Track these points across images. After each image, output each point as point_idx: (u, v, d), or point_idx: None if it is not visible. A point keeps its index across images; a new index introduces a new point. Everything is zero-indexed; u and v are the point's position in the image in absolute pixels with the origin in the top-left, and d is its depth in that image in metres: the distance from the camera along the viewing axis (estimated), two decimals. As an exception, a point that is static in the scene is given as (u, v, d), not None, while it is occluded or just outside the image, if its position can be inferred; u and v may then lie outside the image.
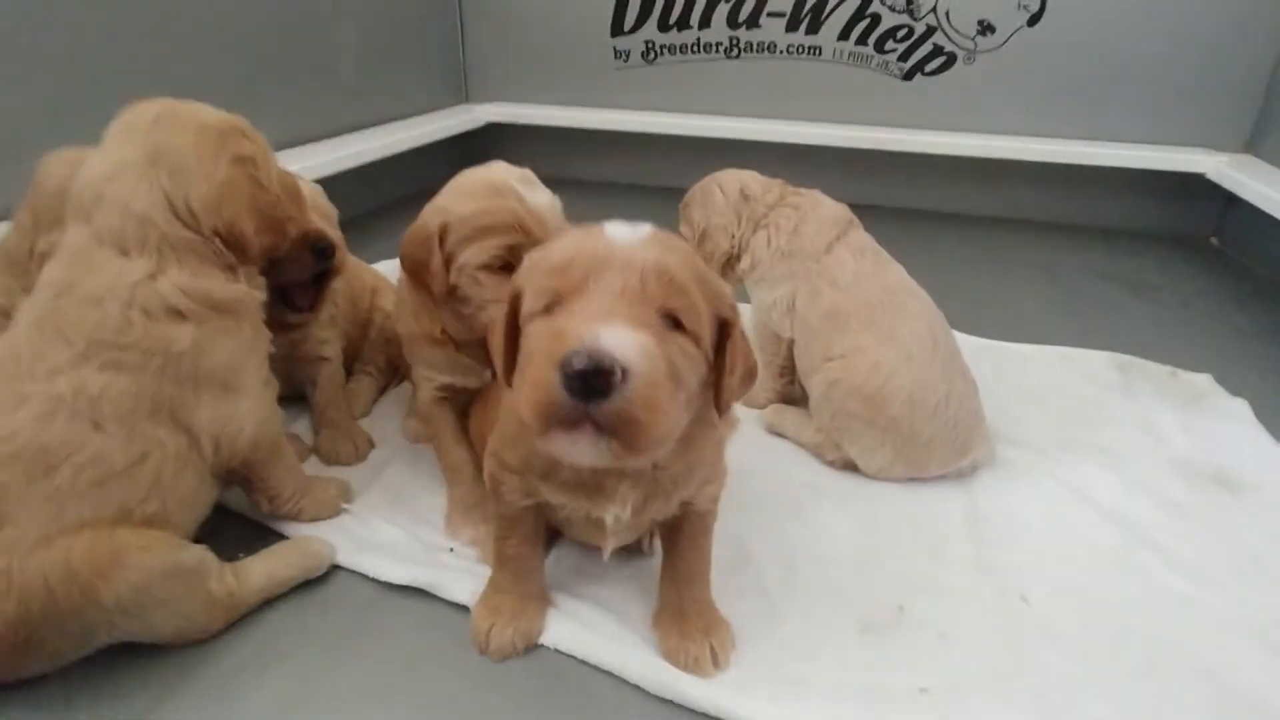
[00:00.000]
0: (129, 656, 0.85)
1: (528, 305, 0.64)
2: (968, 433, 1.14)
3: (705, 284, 0.63)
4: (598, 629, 0.89)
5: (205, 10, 1.79)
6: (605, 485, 0.76)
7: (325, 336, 1.24)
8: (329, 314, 1.24)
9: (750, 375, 0.72)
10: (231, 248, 0.90)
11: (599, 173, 2.91)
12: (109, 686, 0.82)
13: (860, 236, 1.27)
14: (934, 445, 1.12)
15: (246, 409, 0.91)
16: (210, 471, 0.90)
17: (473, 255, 0.94)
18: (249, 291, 0.92)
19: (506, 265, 0.95)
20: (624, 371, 0.53)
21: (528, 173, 1.01)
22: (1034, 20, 2.35)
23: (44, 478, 0.76)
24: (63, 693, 0.81)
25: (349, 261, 1.26)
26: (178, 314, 0.84)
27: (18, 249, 1.03)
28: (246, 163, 0.91)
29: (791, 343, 1.29)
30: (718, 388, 0.67)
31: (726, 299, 0.67)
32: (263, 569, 0.92)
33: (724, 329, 0.66)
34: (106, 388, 0.80)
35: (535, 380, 0.55)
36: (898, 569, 1.00)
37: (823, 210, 1.28)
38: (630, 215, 0.68)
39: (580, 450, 0.57)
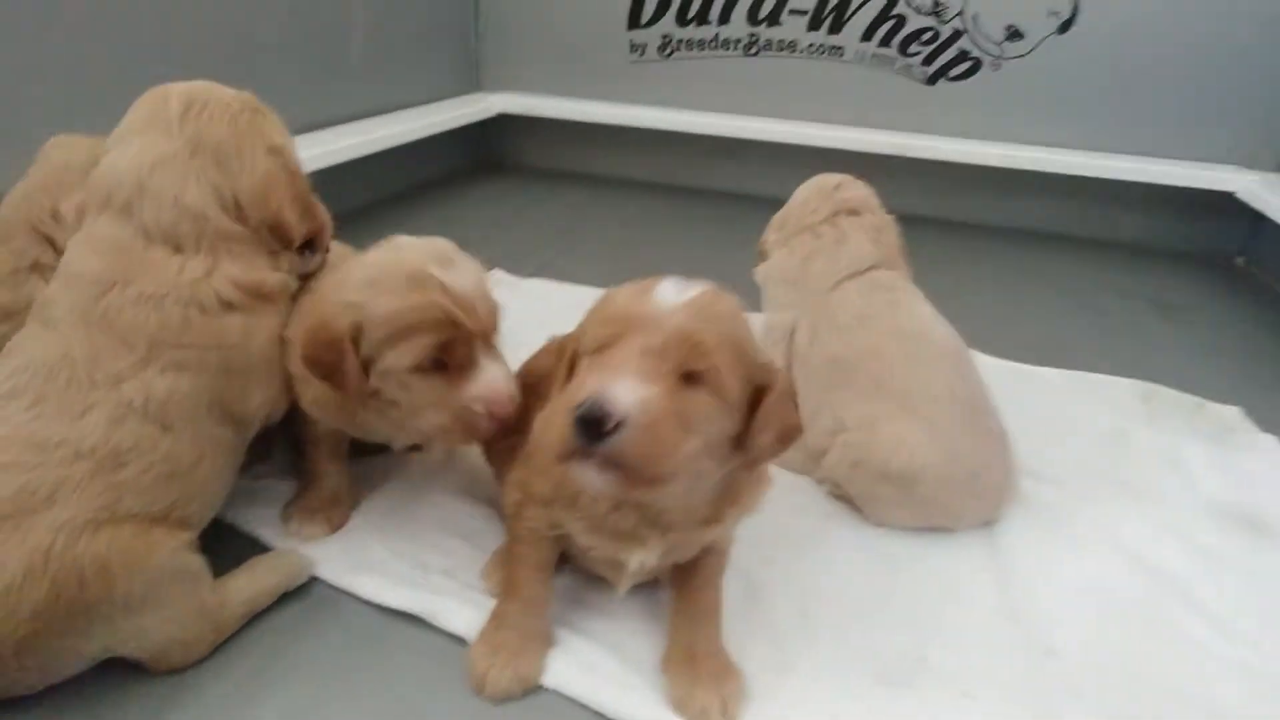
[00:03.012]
0: (120, 680, 0.81)
1: (584, 345, 0.72)
2: (998, 494, 1.08)
3: (739, 349, 0.69)
4: (601, 671, 0.85)
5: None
6: (639, 533, 0.76)
7: None
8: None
9: (787, 436, 0.73)
10: (278, 237, 0.91)
11: (610, 168, 2.85)
12: (96, 708, 0.79)
13: (880, 277, 1.19)
14: (965, 514, 1.07)
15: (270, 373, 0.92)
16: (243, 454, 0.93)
17: (399, 358, 0.83)
18: (287, 278, 0.94)
19: (438, 363, 0.84)
20: (622, 419, 0.61)
21: (443, 246, 0.89)
22: (1065, 28, 2.29)
23: (111, 473, 0.77)
24: (44, 713, 0.78)
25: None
26: (230, 306, 0.86)
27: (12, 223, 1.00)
28: (279, 151, 0.93)
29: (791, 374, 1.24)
30: (748, 445, 0.71)
31: (764, 365, 0.72)
32: (245, 581, 0.90)
33: (759, 392, 0.71)
34: (173, 390, 0.82)
35: (556, 419, 0.65)
36: (916, 614, 0.96)
37: (843, 248, 1.21)
38: (641, 213, 0.68)
39: (589, 479, 0.65)
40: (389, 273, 0.84)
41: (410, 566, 0.98)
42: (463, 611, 0.90)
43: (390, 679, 0.85)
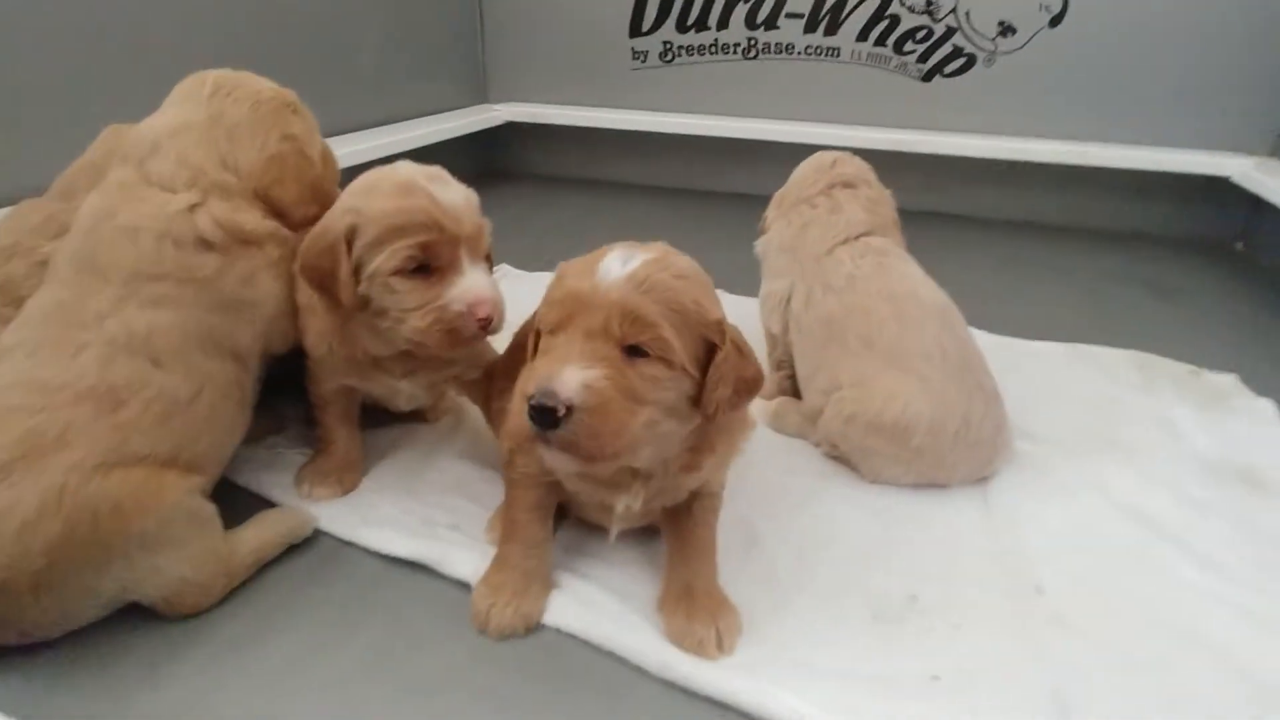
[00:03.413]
0: (133, 621, 0.84)
1: (542, 324, 0.76)
2: (991, 448, 1.11)
3: (683, 313, 0.71)
4: (601, 609, 0.88)
5: (229, 3, 1.81)
6: (620, 480, 0.80)
7: None
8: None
9: (747, 387, 0.76)
10: (272, 210, 0.96)
11: (616, 173, 2.91)
12: (111, 651, 0.82)
13: (872, 241, 1.23)
14: (959, 466, 1.09)
15: (270, 316, 0.97)
16: (251, 394, 0.96)
17: (385, 260, 0.87)
18: (278, 226, 0.97)
19: (421, 267, 0.89)
20: (570, 407, 0.66)
21: (438, 169, 0.95)
22: (1056, 21, 2.33)
23: (112, 413, 0.80)
24: (67, 657, 0.81)
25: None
26: (206, 244, 0.90)
27: (29, 219, 1.05)
28: (294, 139, 0.99)
29: (787, 341, 1.27)
30: (704, 401, 0.74)
31: (712, 324, 0.73)
32: (253, 532, 0.94)
33: (712, 349, 0.74)
34: (153, 324, 0.85)
35: (515, 408, 0.72)
36: (909, 559, 0.98)
37: (838, 216, 1.25)
38: (645, 217, 0.72)
39: (552, 459, 0.71)
40: (383, 181, 0.91)
41: (418, 521, 1.01)
42: (467, 558, 0.93)
43: (396, 622, 0.88)
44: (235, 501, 0.97)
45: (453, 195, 0.91)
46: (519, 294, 1.01)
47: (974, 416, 1.07)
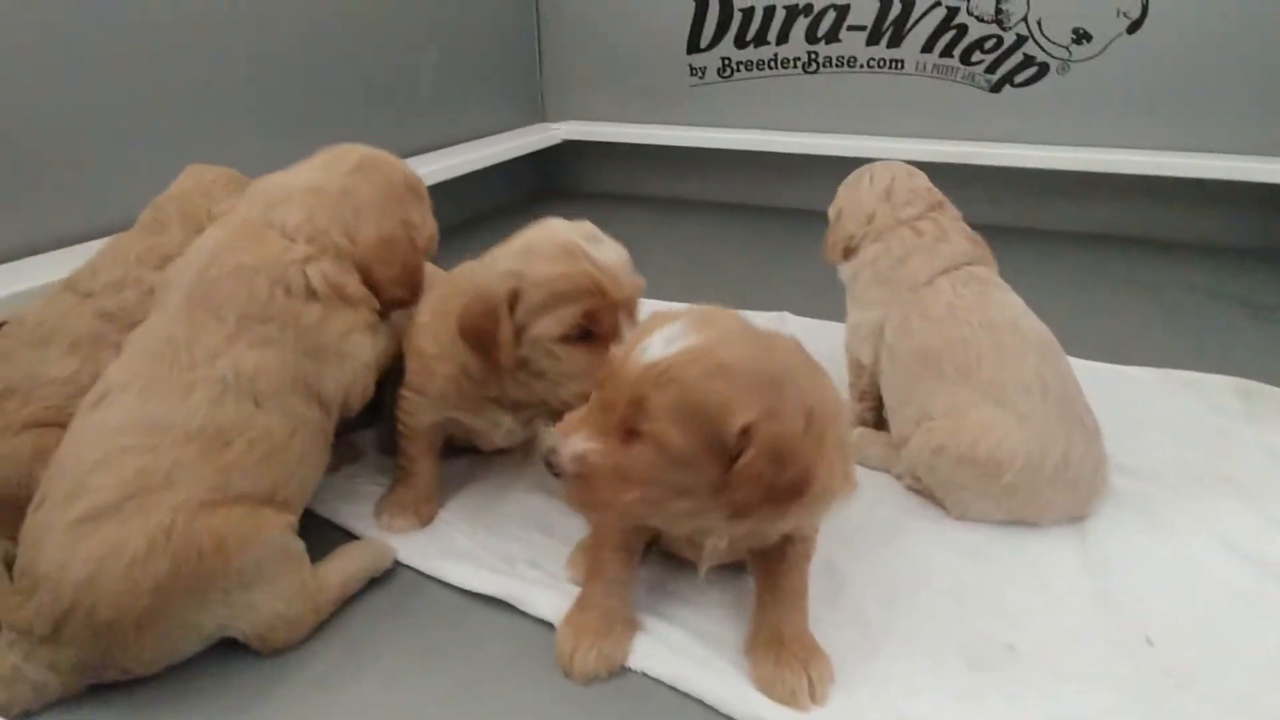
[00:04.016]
0: (219, 662, 0.85)
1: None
2: (1089, 488, 1.05)
3: (694, 413, 0.67)
4: (687, 654, 0.86)
5: (296, 30, 1.85)
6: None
7: None
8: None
9: (780, 495, 0.68)
10: (368, 285, 1.00)
11: (674, 190, 2.90)
12: (196, 691, 0.83)
13: (975, 271, 1.17)
14: (1054, 505, 1.04)
15: (356, 371, 0.99)
16: (332, 436, 0.99)
17: (549, 327, 0.88)
18: (371, 294, 1.01)
19: (585, 333, 0.89)
20: (562, 472, 0.71)
21: (589, 227, 0.94)
22: (1134, 28, 2.24)
23: (218, 453, 0.82)
24: (152, 694, 0.82)
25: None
26: (312, 294, 0.93)
27: (130, 251, 1.09)
28: (411, 226, 1.04)
29: (875, 370, 1.22)
30: (726, 499, 0.70)
31: (732, 431, 0.67)
32: (337, 566, 0.94)
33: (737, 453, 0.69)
34: (259, 365, 0.87)
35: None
36: (1004, 604, 0.93)
37: (944, 246, 1.18)
38: (704, 233, 0.69)
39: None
40: (543, 244, 0.90)
41: (495, 556, 1.01)
42: (549, 597, 0.92)
43: (478, 660, 0.87)
44: (314, 532, 0.98)
45: (610, 256, 0.90)
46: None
47: (1074, 454, 1.02)
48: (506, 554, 1.01)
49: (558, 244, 0.89)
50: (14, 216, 1.32)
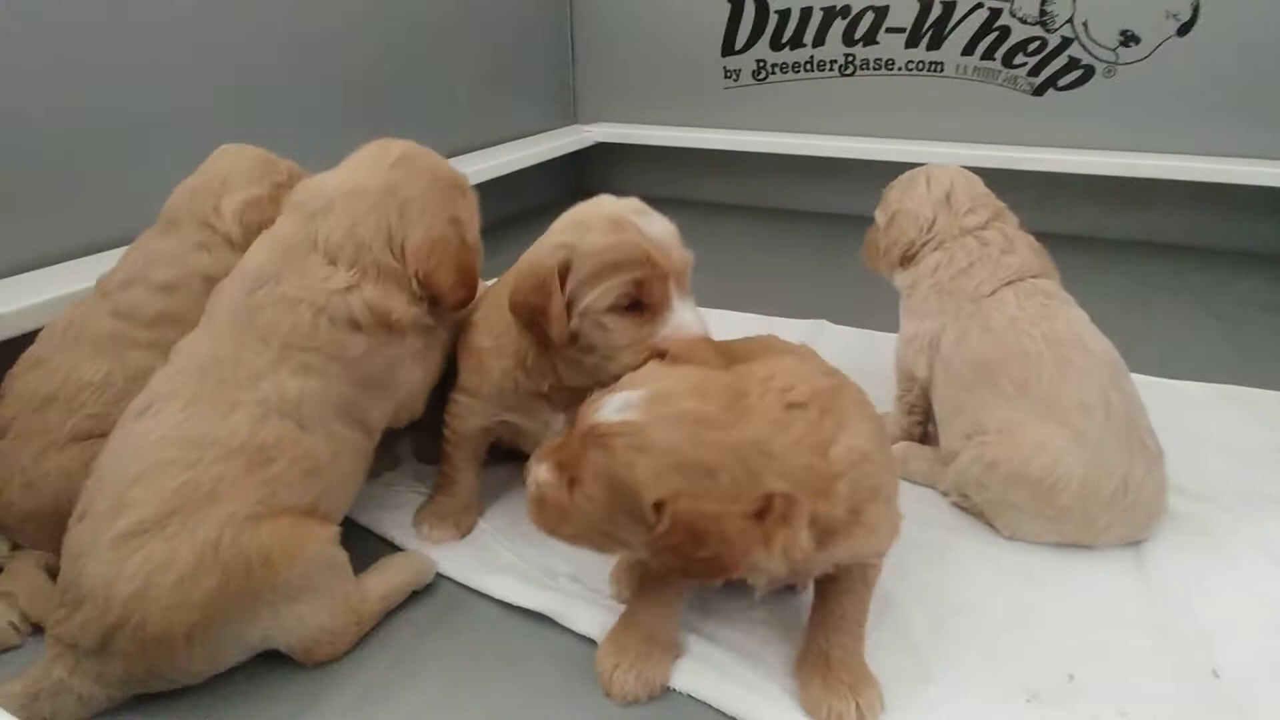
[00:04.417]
0: (266, 674, 0.85)
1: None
2: (1149, 513, 1.01)
3: (618, 485, 0.69)
4: (732, 675, 0.84)
5: (334, 32, 1.86)
6: None
7: None
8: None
9: (696, 570, 0.69)
10: (427, 291, 0.97)
11: (707, 193, 2.88)
12: (245, 702, 0.83)
13: (1040, 284, 1.13)
14: (1111, 529, 1.00)
15: (403, 400, 1.00)
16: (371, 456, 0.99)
17: (599, 297, 0.86)
18: (420, 314, 0.98)
19: (634, 304, 0.87)
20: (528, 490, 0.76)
21: (638, 202, 0.92)
22: (1185, 30, 2.18)
23: (262, 468, 0.82)
24: (196, 705, 0.82)
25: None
26: (356, 326, 0.91)
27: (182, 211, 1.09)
28: (459, 223, 1.00)
29: (927, 383, 1.19)
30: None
31: (645, 506, 0.68)
32: (380, 579, 0.94)
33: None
34: (303, 391, 0.87)
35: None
36: (1061, 631, 0.90)
37: (1009, 257, 1.14)
38: (736, 237, 0.67)
39: None
40: (593, 217, 0.90)
41: (537, 570, 1.00)
42: (592, 613, 0.91)
43: (521, 677, 0.86)
44: (353, 541, 0.97)
45: (659, 229, 0.89)
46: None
47: (1134, 478, 0.98)
48: (548, 567, 1.00)
49: (607, 216, 0.88)
50: (53, 220, 1.33)
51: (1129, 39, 2.23)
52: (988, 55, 2.38)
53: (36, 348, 1.01)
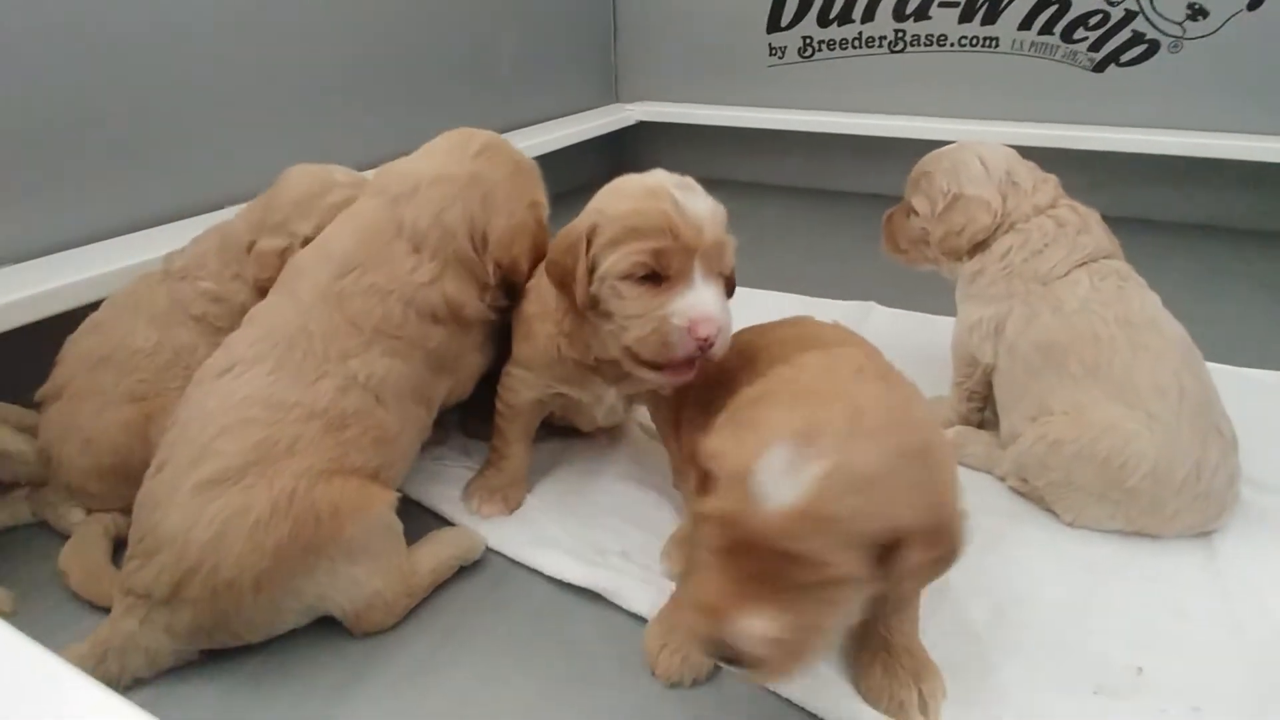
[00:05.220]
0: (319, 643, 0.86)
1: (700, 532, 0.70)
2: (1221, 502, 0.97)
3: (859, 540, 0.59)
4: (787, 658, 0.82)
5: (382, 11, 1.86)
6: None
7: None
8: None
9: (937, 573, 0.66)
10: (508, 277, 1.01)
11: (751, 173, 2.84)
12: (298, 670, 0.84)
13: (1114, 265, 1.10)
14: (1180, 517, 0.97)
15: (463, 381, 1.05)
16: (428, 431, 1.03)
17: (616, 262, 0.84)
18: (487, 312, 1.02)
19: (652, 275, 0.84)
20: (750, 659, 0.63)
21: (687, 179, 0.89)
22: (1255, 3, 2.07)
23: (338, 431, 0.86)
24: (253, 672, 0.84)
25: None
26: (435, 319, 0.96)
27: (236, 239, 1.09)
28: (537, 207, 1.04)
29: (990, 368, 1.15)
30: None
31: (889, 535, 0.60)
32: (429, 552, 0.95)
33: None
34: (389, 371, 0.92)
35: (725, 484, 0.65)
36: (1128, 623, 0.87)
37: (1084, 237, 1.10)
38: (781, 218, 0.63)
39: None
40: (630, 184, 0.89)
41: (586, 547, 0.99)
42: (644, 592, 0.90)
43: (571, 656, 0.86)
44: (402, 515, 0.98)
45: (698, 205, 0.85)
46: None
47: (1207, 465, 0.94)
48: (598, 544, 1.00)
49: (646, 186, 0.87)
50: (124, 193, 1.35)
51: (1197, 12, 2.13)
52: (1046, 30, 2.30)
53: (99, 313, 1.07)
